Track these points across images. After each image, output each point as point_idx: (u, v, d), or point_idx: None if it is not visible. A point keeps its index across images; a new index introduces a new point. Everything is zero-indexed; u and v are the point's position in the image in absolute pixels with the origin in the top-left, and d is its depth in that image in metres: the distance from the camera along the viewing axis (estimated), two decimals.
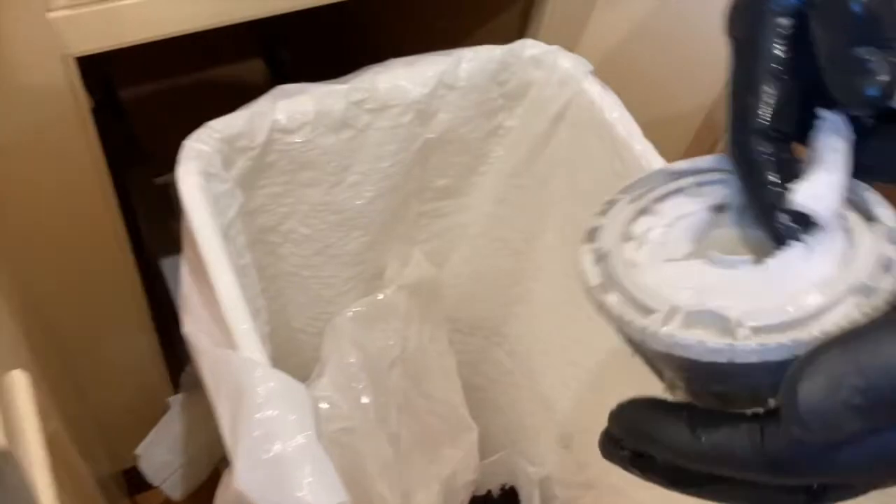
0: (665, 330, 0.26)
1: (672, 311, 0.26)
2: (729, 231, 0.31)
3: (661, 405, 0.27)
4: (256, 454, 0.35)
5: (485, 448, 0.68)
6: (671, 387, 0.28)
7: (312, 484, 0.34)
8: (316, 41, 0.96)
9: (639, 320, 0.27)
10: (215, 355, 0.39)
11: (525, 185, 0.56)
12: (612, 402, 0.32)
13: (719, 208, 0.31)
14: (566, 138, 0.52)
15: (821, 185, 0.27)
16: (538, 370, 0.64)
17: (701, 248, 0.30)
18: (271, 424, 0.35)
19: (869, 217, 0.28)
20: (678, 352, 0.25)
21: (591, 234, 0.31)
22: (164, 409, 0.66)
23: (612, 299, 0.28)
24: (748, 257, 0.28)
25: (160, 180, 0.69)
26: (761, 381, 0.25)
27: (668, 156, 0.46)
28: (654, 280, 0.29)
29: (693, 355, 0.25)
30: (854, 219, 0.28)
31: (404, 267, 0.58)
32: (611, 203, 0.32)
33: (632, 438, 0.28)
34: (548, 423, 0.64)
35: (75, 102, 0.45)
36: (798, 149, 0.28)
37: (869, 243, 0.27)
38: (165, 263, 0.75)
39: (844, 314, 0.25)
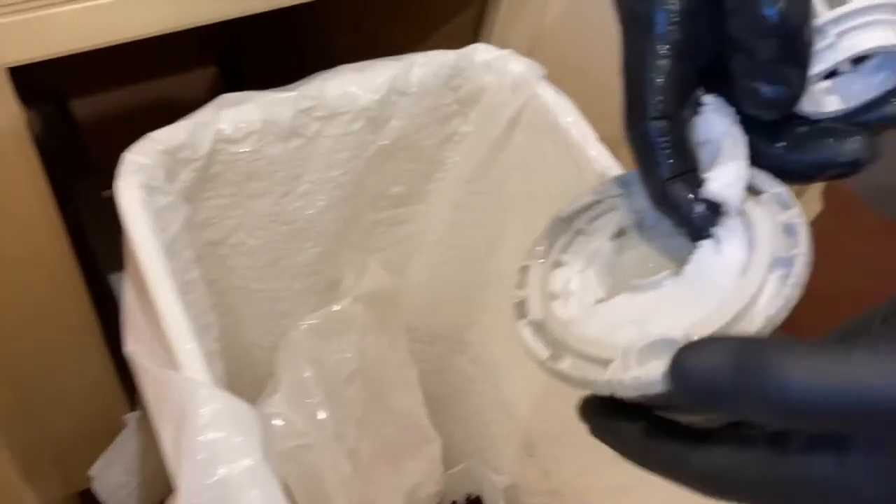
0: (629, 376, 0.25)
1: (626, 355, 0.26)
2: (636, 251, 0.31)
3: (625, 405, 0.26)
4: (200, 478, 0.33)
5: (449, 458, 0.67)
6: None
7: None
8: (272, 51, 0.94)
9: (601, 376, 0.26)
10: (157, 375, 0.37)
11: (482, 191, 0.55)
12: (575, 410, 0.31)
13: (619, 233, 0.31)
14: (521, 143, 0.52)
15: (729, 174, 0.27)
16: (502, 377, 0.64)
17: (619, 278, 0.30)
18: (216, 447, 0.34)
19: (753, 191, 0.28)
20: (651, 390, 0.25)
21: (520, 309, 0.31)
22: (121, 427, 0.65)
23: (567, 365, 0.28)
24: (666, 272, 0.28)
25: (108, 193, 0.67)
26: None
27: (624, 158, 0.45)
28: (594, 329, 0.28)
29: (664, 388, 0.25)
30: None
31: (360, 277, 0.57)
32: (524, 269, 0.32)
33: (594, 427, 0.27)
34: (512, 431, 0.64)
35: (10, 115, 0.43)
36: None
37: (764, 216, 0.27)
38: (117, 279, 0.73)
39: (774, 292, 0.25)
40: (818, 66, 0.26)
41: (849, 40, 0.25)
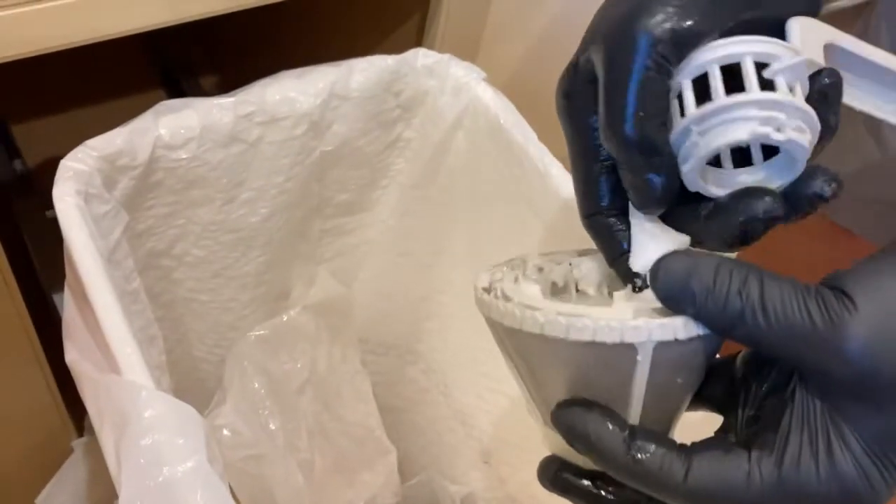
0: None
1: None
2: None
3: (606, 411, 0.28)
4: (143, 482, 0.33)
5: (405, 470, 0.66)
6: None
7: None
8: (219, 72, 0.94)
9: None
10: (98, 381, 0.36)
11: (428, 197, 0.55)
12: (528, 414, 0.32)
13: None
14: (464, 146, 0.52)
15: (651, 253, 0.28)
16: (454, 386, 0.63)
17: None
18: (159, 449, 0.33)
19: None
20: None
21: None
22: (68, 454, 0.63)
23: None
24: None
25: (52, 213, 0.66)
26: None
27: (560, 152, 0.46)
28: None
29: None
30: None
31: (310, 287, 0.57)
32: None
33: (570, 437, 0.28)
34: (467, 440, 0.63)
35: None
36: None
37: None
38: (60, 300, 0.71)
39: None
40: (688, 165, 0.26)
41: (707, 138, 0.25)
